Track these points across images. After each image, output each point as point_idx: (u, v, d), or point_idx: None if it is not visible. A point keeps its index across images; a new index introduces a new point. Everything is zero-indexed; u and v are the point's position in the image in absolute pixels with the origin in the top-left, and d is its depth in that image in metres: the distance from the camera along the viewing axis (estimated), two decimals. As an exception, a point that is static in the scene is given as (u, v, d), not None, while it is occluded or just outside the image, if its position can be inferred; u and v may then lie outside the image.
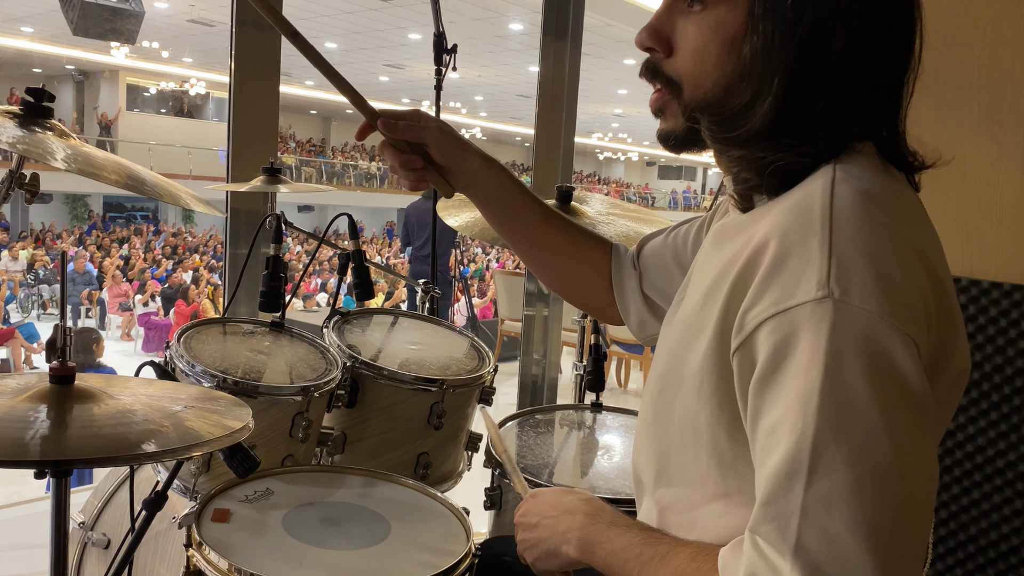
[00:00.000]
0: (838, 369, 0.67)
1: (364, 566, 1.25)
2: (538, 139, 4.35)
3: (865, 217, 0.72)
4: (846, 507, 0.66)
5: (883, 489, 0.66)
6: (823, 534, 0.66)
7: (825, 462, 0.67)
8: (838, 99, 0.79)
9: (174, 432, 1.08)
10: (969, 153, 1.74)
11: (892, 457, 0.66)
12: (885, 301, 0.68)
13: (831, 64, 0.78)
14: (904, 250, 0.73)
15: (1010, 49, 1.70)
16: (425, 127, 1.11)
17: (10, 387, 1.14)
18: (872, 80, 0.80)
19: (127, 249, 16.86)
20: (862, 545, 0.65)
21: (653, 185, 37.43)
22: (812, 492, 0.67)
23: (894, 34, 0.81)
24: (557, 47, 4.29)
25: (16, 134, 1.26)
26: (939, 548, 1.77)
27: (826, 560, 0.66)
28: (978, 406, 1.72)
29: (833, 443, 0.67)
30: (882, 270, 0.69)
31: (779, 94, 0.79)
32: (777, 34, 0.78)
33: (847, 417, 0.67)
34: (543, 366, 4.54)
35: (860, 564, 0.65)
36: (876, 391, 0.67)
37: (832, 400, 0.67)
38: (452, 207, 1.94)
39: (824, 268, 0.69)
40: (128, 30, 3.82)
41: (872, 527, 0.65)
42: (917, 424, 0.69)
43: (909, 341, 0.68)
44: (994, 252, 1.72)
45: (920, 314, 0.71)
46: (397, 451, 1.76)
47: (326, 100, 24.00)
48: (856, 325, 0.67)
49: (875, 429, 0.66)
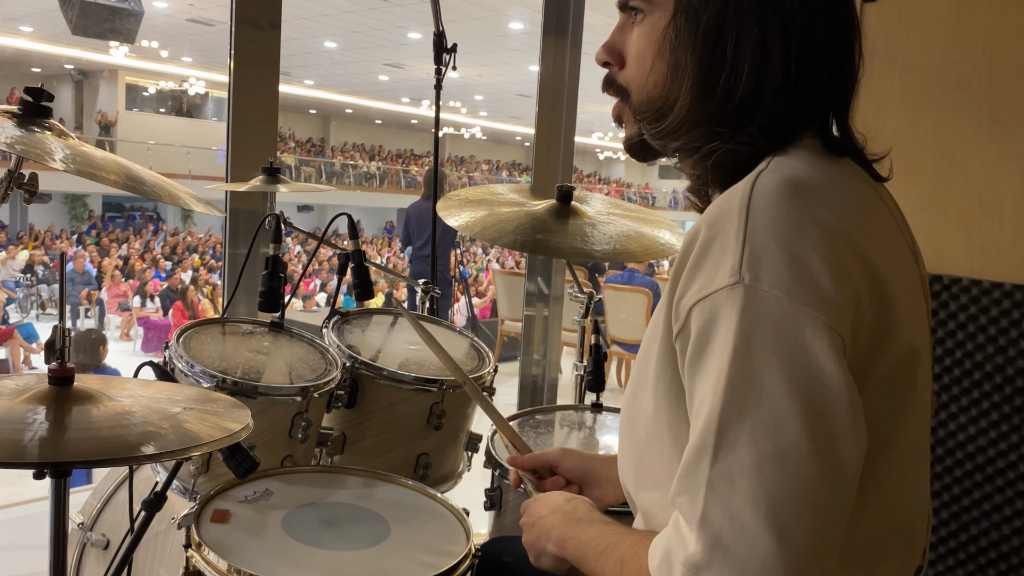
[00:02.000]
0: (746, 351, 0.70)
1: (364, 567, 1.24)
2: (538, 139, 4.35)
3: (782, 205, 0.74)
4: (747, 483, 0.68)
5: (785, 468, 0.67)
6: (726, 508, 0.68)
7: (730, 439, 0.69)
8: (760, 87, 0.81)
9: (173, 434, 1.07)
10: (970, 153, 1.74)
11: (796, 437, 0.68)
12: (795, 286, 0.70)
13: (743, 52, 0.81)
14: (824, 236, 0.73)
15: (1011, 49, 1.70)
16: (548, 451, 1.17)
17: (9, 388, 1.14)
18: (801, 69, 0.82)
19: (126, 249, 16.86)
20: (762, 521, 0.67)
21: (653, 185, 37.41)
22: (717, 467, 0.69)
23: (820, 25, 0.82)
24: (557, 47, 4.29)
25: (15, 134, 1.26)
26: (939, 548, 1.77)
27: (727, 534, 0.68)
28: (979, 406, 1.72)
29: (738, 421, 0.69)
30: (795, 256, 0.71)
31: (695, 82, 0.83)
32: (687, 26, 0.83)
33: (753, 397, 0.69)
34: (543, 366, 4.54)
35: (759, 539, 0.66)
36: (783, 372, 0.69)
37: (739, 380, 0.70)
38: (452, 207, 1.94)
39: (738, 255, 0.72)
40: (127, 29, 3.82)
41: (772, 504, 0.67)
42: (827, 405, 0.69)
43: (820, 324, 0.70)
44: (995, 252, 1.72)
45: (837, 298, 0.71)
46: (397, 451, 1.75)
47: (326, 100, 24.02)
48: (765, 309, 0.70)
49: (780, 409, 0.68)
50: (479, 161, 31.40)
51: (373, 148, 28.22)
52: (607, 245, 1.81)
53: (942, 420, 1.76)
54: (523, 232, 1.81)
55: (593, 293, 2.02)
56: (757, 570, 0.66)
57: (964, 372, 1.74)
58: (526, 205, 1.94)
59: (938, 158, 1.78)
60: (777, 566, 0.66)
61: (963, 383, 1.74)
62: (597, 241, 1.81)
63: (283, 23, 3.02)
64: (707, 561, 0.68)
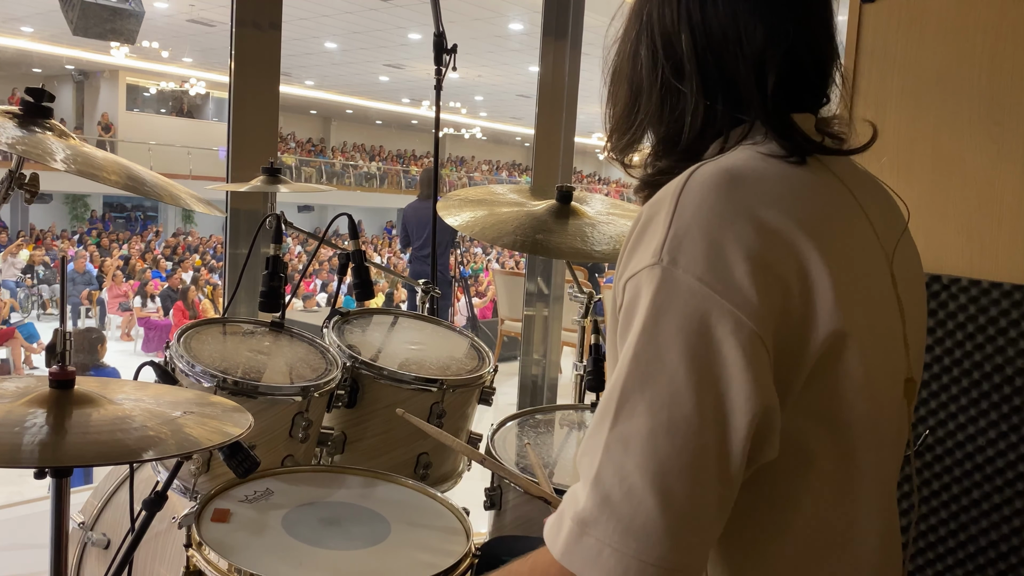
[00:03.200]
0: (655, 327, 0.74)
1: (364, 566, 1.25)
2: (538, 139, 4.35)
3: (712, 193, 0.78)
4: (639, 449, 0.72)
5: (675, 439, 0.71)
6: (618, 470, 0.72)
7: (629, 407, 0.73)
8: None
9: (172, 439, 1.08)
10: (969, 153, 1.75)
11: (689, 412, 0.72)
12: (708, 272, 0.73)
13: (640, 76, 0.91)
14: (750, 227, 0.76)
15: (1011, 49, 1.70)
16: None
17: (10, 390, 1.14)
18: (724, 77, 0.87)
19: (127, 249, 16.86)
20: (648, 485, 0.71)
21: (653, 185, 37.39)
22: (615, 432, 0.73)
23: (744, 36, 0.87)
24: (557, 47, 4.30)
25: (16, 134, 1.26)
26: (939, 548, 1.77)
27: (616, 493, 0.72)
28: (978, 406, 1.72)
29: (639, 391, 0.73)
30: (714, 243, 0.75)
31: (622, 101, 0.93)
32: (613, 59, 0.95)
33: (655, 371, 0.73)
34: (543, 366, 4.55)
35: (644, 501, 0.71)
36: (685, 351, 0.73)
37: (644, 354, 0.74)
38: (452, 207, 1.95)
39: (663, 237, 0.76)
40: (128, 30, 3.83)
41: (660, 470, 0.71)
42: (722, 387, 0.73)
43: (726, 311, 0.73)
44: (994, 252, 1.72)
45: (751, 289, 0.74)
46: (397, 451, 1.76)
47: (326, 100, 24.02)
48: (677, 290, 0.74)
49: (678, 385, 0.72)
50: (479, 161, 31.40)
51: (373, 148, 28.23)
52: (607, 245, 1.81)
53: (941, 420, 1.76)
54: (523, 232, 1.81)
55: (593, 293, 2.03)
56: (640, 529, 0.71)
57: (963, 372, 1.74)
58: (526, 205, 1.95)
59: (937, 158, 1.78)
60: (658, 527, 0.71)
61: (962, 383, 1.74)
62: (597, 241, 1.82)
63: (283, 24, 3.02)
64: (594, 517, 0.72)
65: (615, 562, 0.71)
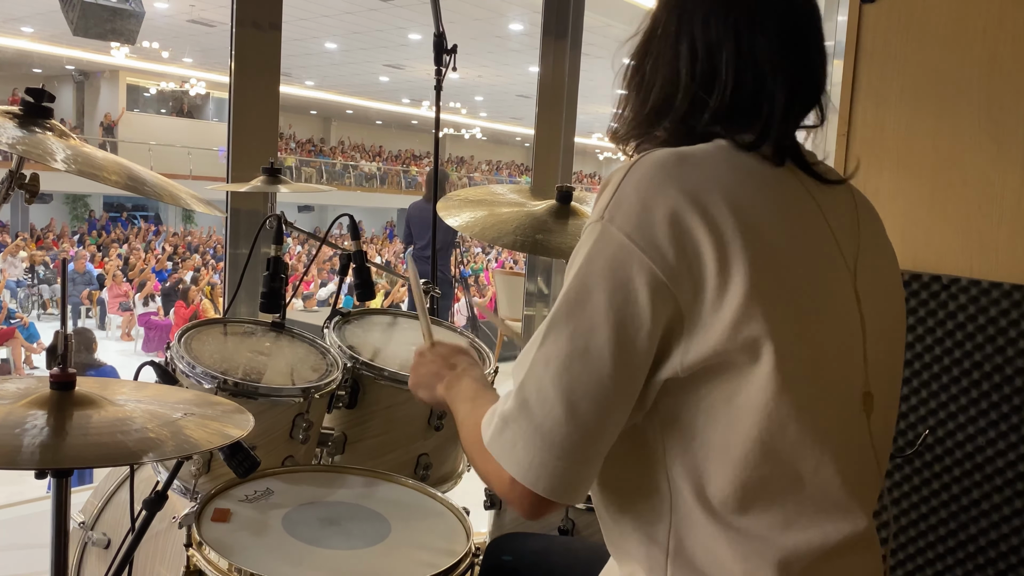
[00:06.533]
0: (587, 270, 0.88)
1: (364, 566, 1.25)
2: (538, 139, 4.35)
3: (654, 167, 0.89)
4: (556, 367, 0.87)
5: (587, 363, 0.86)
6: (537, 381, 0.88)
7: (555, 332, 0.88)
8: (670, 99, 0.99)
9: (173, 441, 1.07)
10: (969, 153, 1.75)
11: (602, 343, 0.86)
12: (636, 231, 0.86)
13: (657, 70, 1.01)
14: (679, 197, 0.87)
15: (1010, 50, 1.70)
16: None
17: (11, 392, 1.14)
18: (707, 91, 0.97)
19: (127, 249, 16.85)
20: (559, 396, 0.87)
21: (653, 185, 37.41)
22: (541, 351, 0.89)
23: (727, 63, 0.96)
24: (557, 47, 4.30)
25: (16, 135, 1.26)
26: (938, 547, 1.78)
27: (534, 399, 0.88)
28: (978, 406, 1.73)
29: (564, 321, 0.88)
30: (645, 206, 0.87)
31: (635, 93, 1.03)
32: (640, 49, 1.04)
33: (580, 305, 0.87)
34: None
35: (554, 408, 0.87)
36: (606, 292, 0.86)
37: (574, 292, 0.88)
38: (452, 207, 1.95)
39: (608, 198, 0.90)
40: (128, 30, 3.83)
41: (570, 387, 0.86)
42: (632, 327, 0.86)
43: (645, 265, 0.86)
44: (994, 252, 1.72)
45: (669, 249, 0.86)
46: (397, 452, 1.76)
47: (326, 100, 24.01)
48: (610, 242, 0.87)
49: (597, 320, 0.86)
50: (479, 162, 31.39)
51: (373, 148, 28.22)
52: (607, 245, 1.81)
53: (941, 420, 1.76)
54: (523, 232, 1.81)
55: (593, 293, 2.02)
56: (548, 431, 0.87)
57: (963, 372, 1.74)
58: (526, 205, 1.95)
59: (936, 158, 1.78)
60: (562, 432, 0.87)
61: (962, 383, 1.74)
62: (597, 241, 1.82)
63: (283, 24, 3.02)
64: (514, 416, 0.89)
65: (524, 454, 0.88)
